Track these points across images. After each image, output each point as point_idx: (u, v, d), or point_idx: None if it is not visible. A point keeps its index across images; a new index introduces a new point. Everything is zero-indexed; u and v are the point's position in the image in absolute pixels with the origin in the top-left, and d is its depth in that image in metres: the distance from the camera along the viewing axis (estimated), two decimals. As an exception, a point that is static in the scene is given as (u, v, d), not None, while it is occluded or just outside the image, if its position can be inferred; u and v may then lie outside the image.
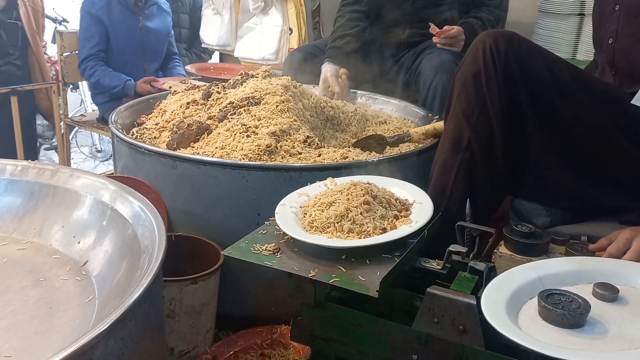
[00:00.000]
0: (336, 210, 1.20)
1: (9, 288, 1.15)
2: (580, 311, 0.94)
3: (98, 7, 3.18)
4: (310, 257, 1.12)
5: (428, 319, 1.05)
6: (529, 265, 1.11)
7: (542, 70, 1.35)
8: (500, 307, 0.98)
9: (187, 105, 1.96)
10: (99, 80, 3.20)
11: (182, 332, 1.48)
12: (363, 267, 1.08)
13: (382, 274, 1.05)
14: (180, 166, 1.60)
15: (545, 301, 0.96)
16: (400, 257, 1.10)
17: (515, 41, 1.36)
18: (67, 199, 1.34)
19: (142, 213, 1.20)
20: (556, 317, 0.94)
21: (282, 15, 3.41)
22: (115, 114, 1.96)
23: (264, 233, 1.22)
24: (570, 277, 1.08)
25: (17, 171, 1.42)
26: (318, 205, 1.26)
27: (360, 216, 1.19)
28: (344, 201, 1.23)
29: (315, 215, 1.22)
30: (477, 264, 1.14)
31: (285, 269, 1.09)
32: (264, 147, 1.63)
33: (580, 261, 1.12)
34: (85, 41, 3.21)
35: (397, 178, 1.47)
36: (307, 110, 1.91)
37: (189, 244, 1.62)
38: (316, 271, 1.07)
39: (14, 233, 1.35)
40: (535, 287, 1.03)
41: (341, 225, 1.17)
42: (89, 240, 1.26)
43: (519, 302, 1.02)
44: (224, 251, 1.15)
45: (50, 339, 1.00)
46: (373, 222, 1.18)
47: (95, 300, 1.12)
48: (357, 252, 1.12)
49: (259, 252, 1.14)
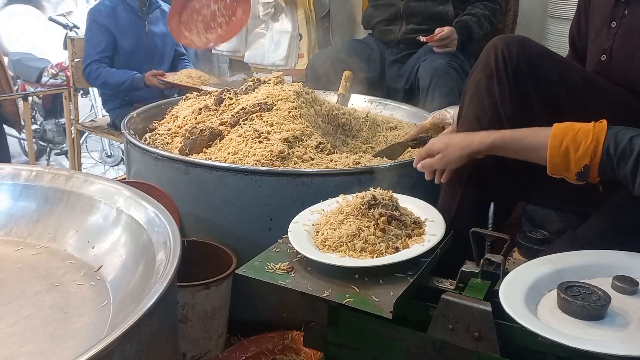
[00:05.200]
0: (348, 230, 1.20)
1: (23, 293, 1.16)
2: (600, 303, 0.93)
3: (104, 15, 3.20)
4: (324, 277, 1.12)
5: (442, 325, 1.05)
6: (546, 258, 1.10)
7: (553, 74, 1.34)
8: (518, 299, 0.98)
9: (199, 111, 1.97)
10: (107, 80, 3.19)
11: (195, 337, 1.48)
12: (376, 286, 1.08)
13: (396, 295, 1.04)
14: (193, 171, 1.61)
15: (565, 293, 0.95)
16: (414, 277, 1.10)
17: (527, 46, 1.36)
18: (81, 204, 1.35)
19: (156, 219, 1.20)
20: (576, 308, 0.93)
21: (291, 21, 3.42)
22: (128, 120, 1.97)
23: (278, 251, 1.22)
24: (588, 270, 1.07)
25: (31, 176, 1.43)
26: (329, 224, 1.25)
27: (372, 236, 1.18)
28: (354, 220, 1.22)
29: (328, 234, 1.22)
30: (494, 256, 1.12)
31: (299, 289, 1.10)
32: (277, 153, 1.63)
33: (598, 254, 1.12)
34: (91, 48, 3.22)
35: (408, 182, 1.47)
36: (319, 116, 1.91)
37: (201, 249, 1.62)
38: (330, 291, 1.07)
39: (28, 238, 1.36)
40: (554, 280, 1.03)
41: (353, 245, 1.17)
42: (103, 245, 1.27)
43: (538, 294, 1.02)
44: (239, 270, 1.16)
45: (65, 343, 1.01)
46: (386, 241, 1.18)
47: (110, 305, 1.13)
48: (369, 271, 1.12)
49: (272, 270, 1.15)
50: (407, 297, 1.10)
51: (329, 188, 1.54)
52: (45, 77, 4.93)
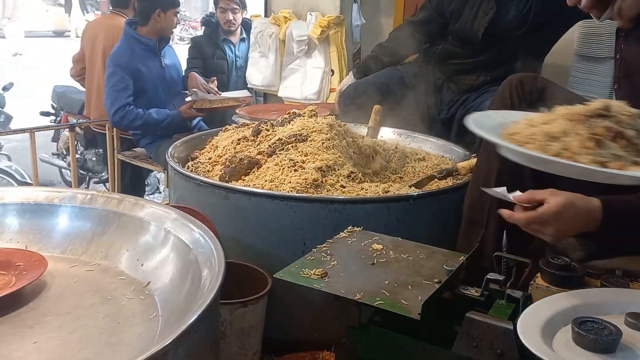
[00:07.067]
0: (548, 129, 0.98)
1: (79, 304, 1.26)
2: (612, 337, 0.99)
3: (126, 57, 3.26)
4: (357, 282, 1.20)
5: (467, 342, 1.11)
6: (564, 295, 1.16)
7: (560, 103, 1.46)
8: (535, 331, 1.04)
9: (238, 141, 2.09)
10: (146, 121, 3.27)
11: (232, 352, 1.56)
12: (405, 291, 1.15)
13: (424, 298, 1.12)
14: (233, 197, 1.72)
15: (579, 327, 1.01)
16: (441, 283, 1.18)
17: (539, 82, 1.52)
18: (132, 226, 1.46)
19: (201, 239, 1.30)
20: (589, 342, 0.99)
21: (324, 58, 3.58)
22: (172, 149, 2.11)
23: (312, 259, 1.31)
24: (603, 307, 1.12)
25: (86, 199, 1.56)
26: (529, 121, 1.05)
27: (576, 144, 0.95)
28: (564, 123, 0.99)
29: (520, 129, 1.02)
30: (514, 292, 1.20)
31: (333, 292, 1.17)
32: (311, 181, 1.74)
33: (614, 292, 1.18)
34: (119, 93, 3.26)
35: (436, 211, 1.54)
36: (351, 147, 2.02)
37: (238, 270, 1.71)
38: (362, 294, 1.15)
39: (82, 256, 1.46)
40: (569, 315, 1.08)
41: (546, 146, 0.97)
42: (152, 263, 1.37)
43: (554, 328, 1.07)
44: (277, 274, 1.25)
45: (120, 349, 1.10)
46: (594, 156, 0.96)
47: (158, 317, 1.22)
48: None
49: (308, 275, 1.23)
50: (435, 301, 1.15)
51: (359, 215, 1.63)
52: (87, 109, 5.14)
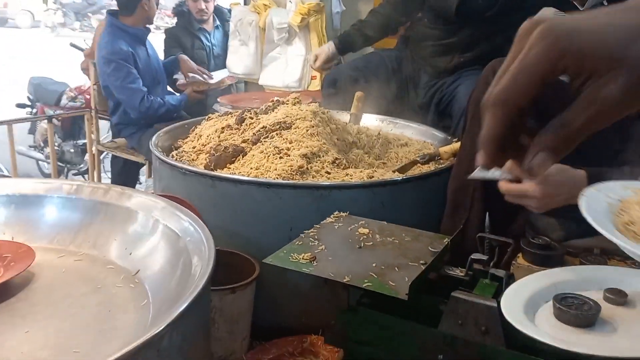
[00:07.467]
0: None
1: (69, 294, 1.26)
2: (591, 312, 1.03)
3: (124, 52, 3.36)
4: (345, 265, 1.23)
5: (453, 320, 1.15)
6: (544, 273, 1.21)
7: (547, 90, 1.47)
8: (518, 308, 1.08)
9: (222, 129, 2.10)
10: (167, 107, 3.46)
11: (221, 338, 1.59)
12: (393, 273, 1.19)
13: (411, 279, 1.15)
14: (219, 185, 1.73)
15: (560, 303, 1.05)
16: (427, 265, 1.21)
17: None
18: (119, 215, 1.46)
19: (191, 227, 1.32)
20: (570, 317, 1.03)
21: (305, 45, 3.59)
22: (155, 138, 2.10)
23: (300, 244, 1.33)
24: (582, 284, 1.17)
25: (72, 190, 1.55)
26: None
27: None
28: None
29: (635, 215, 0.89)
30: (497, 271, 1.24)
31: (322, 275, 1.20)
32: (296, 168, 1.76)
33: (592, 269, 1.22)
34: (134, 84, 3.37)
35: (420, 195, 1.57)
36: (335, 134, 2.04)
37: (226, 258, 1.73)
38: (350, 277, 1.18)
39: (70, 246, 1.46)
40: (550, 292, 1.12)
41: None
42: (141, 251, 1.38)
43: (536, 304, 1.12)
44: (265, 259, 1.27)
45: (114, 335, 1.11)
46: None
47: (149, 304, 1.24)
48: None
49: (296, 260, 1.25)
50: (421, 281, 1.19)
51: (345, 200, 1.66)
52: (64, 100, 5.09)
